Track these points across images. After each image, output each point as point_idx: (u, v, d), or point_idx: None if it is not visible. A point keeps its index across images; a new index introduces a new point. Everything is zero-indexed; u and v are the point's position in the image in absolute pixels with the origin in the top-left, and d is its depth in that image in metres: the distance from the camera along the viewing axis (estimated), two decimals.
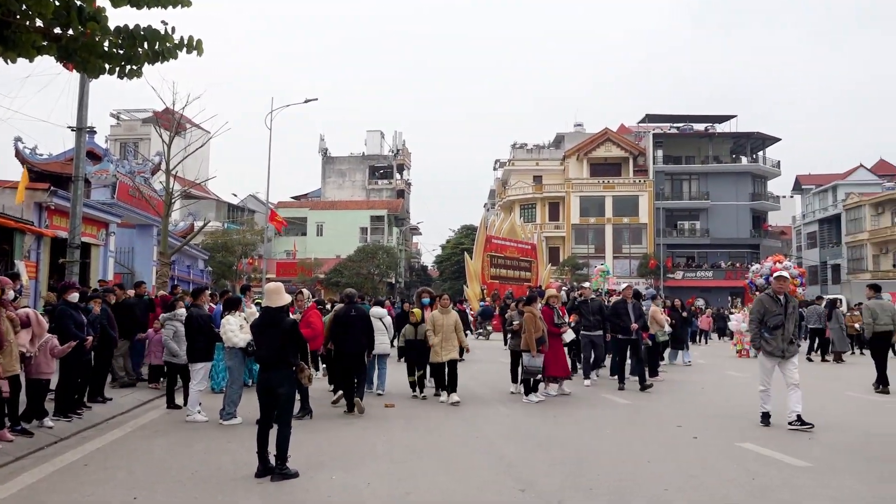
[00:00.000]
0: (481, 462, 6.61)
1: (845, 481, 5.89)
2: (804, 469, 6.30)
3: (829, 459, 6.70)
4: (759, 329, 8.55)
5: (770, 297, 8.65)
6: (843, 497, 5.43)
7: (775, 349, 8.40)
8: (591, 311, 12.70)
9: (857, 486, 5.76)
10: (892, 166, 63.46)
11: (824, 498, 5.40)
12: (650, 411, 9.81)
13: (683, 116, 60.06)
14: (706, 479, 5.97)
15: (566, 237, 56.42)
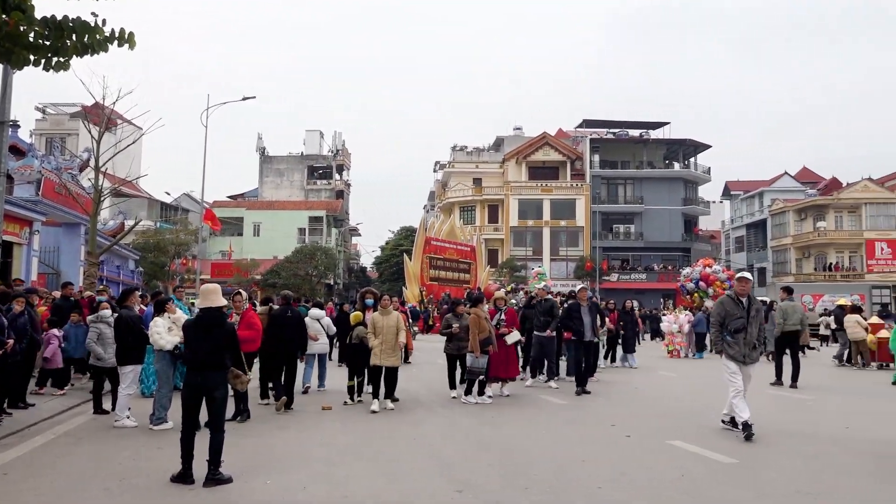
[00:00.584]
0: (419, 464, 6.62)
1: (768, 476, 6.14)
2: (730, 465, 6.52)
3: (754, 455, 6.95)
4: (721, 332, 8.15)
5: (731, 300, 8.27)
6: (766, 491, 5.64)
7: (737, 353, 8.01)
8: (542, 313, 12.57)
9: (780, 480, 6.00)
10: (815, 174, 66.38)
11: (748, 492, 5.60)
12: (586, 411, 9.99)
13: (619, 122, 61.53)
14: (638, 475, 6.12)
15: (505, 239, 56.97)
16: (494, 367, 10.80)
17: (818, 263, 53.02)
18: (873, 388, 13.43)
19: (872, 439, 7.88)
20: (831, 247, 52.28)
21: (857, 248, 51.47)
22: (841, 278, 50.40)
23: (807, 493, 5.58)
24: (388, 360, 9.72)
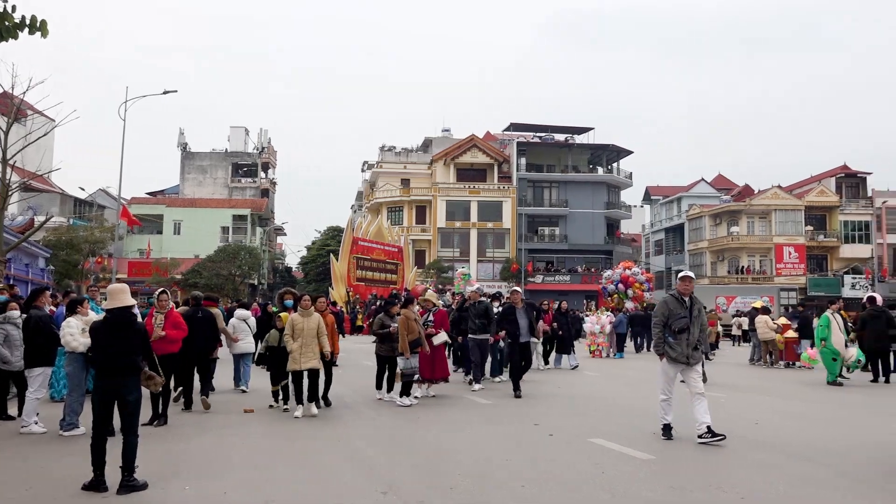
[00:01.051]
0: (344, 466, 6.56)
1: (684, 471, 6.37)
2: (648, 461, 6.73)
3: (671, 452, 7.20)
4: (663, 333, 7.87)
5: (675, 299, 7.98)
6: (679, 485, 5.85)
7: (679, 355, 7.74)
8: (478, 315, 12.45)
9: (694, 475, 6.24)
10: (729, 181, 69.31)
11: (664, 487, 5.80)
12: (510, 411, 10.11)
13: (545, 126, 62.64)
14: (560, 473, 6.25)
15: (432, 240, 57.14)
16: (421, 369, 10.79)
17: (731, 266, 55.38)
18: (781, 385, 14.12)
19: (780, 435, 8.28)
20: (744, 251, 54.69)
21: (767, 252, 53.98)
22: (752, 281, 52.74)
23: (718, 488, 5.82)
24: (307, 364, 9.25)
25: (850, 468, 6.52)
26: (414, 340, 10.39)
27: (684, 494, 5.60)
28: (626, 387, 13.55)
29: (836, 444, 7.69)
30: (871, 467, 6.56)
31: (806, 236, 53.67)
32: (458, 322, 13.34)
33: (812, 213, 54.57)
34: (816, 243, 53.85)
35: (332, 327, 10.38)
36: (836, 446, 7.53)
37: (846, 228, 54.57)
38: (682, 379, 7.89)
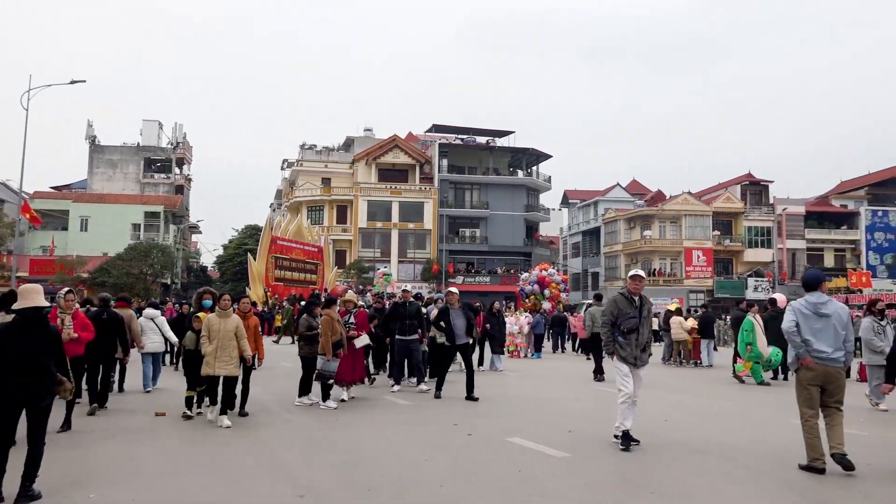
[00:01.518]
0: (259, 471, 6.41)
1: (597, 468, 6.54)
2: (564, 459, 6.88)
3: (585, 449, 7.37)
4: (612, 332, 7.60)
5: (624, 297, 7.68)
6: (594, 482, 6.01)
7: (629, 356, 7.47)
8: (409, 316, 12.20)
9: (608, 471, 6.41)
10: (643, 186, 71.71)
11: (579, 484, 5.93)
12: (429, 411, 10.13)
13: (467, 129, 63.17)
14: (479, 473, 6.30)
15: (353, 240, 56.71)
16: (342, 371, 10.64)
17: (644, 269, 57.16)
18: (691, 384, 14.70)
19: (688, 431, 8.62)
20: (656, 254, 56.72)
21: (677, 255, 56.15)
22: (663, 283, 54.74)
23: (630, 483, 6.00)
24: (223, 369, 8.61)
25: (752, 461, 6.85)
26: (337, 342, 10.26)
27: (599, 491, 5.74)
28: (543, 386, 13.81)
29: (740, 439, 8.05)
30: (770, 460, 6.91)
31: (713, 241, 56.16)
32: (387, 322, 13.07)
33: (719, 218, 57.16)
34: (723, 247, 56.43)
35: (255, 330, 9.70)
36: (740, 441, 7.89)
37: (750, 234, 57.42)
38: None
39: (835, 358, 6.50)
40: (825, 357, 6.50)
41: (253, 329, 9.53)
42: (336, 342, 10.24)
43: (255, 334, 9.61)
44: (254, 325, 9.66)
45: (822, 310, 6.60)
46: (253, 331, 9.50)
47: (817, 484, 6.06)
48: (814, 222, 58.18)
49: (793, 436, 7.23)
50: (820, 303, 6.64)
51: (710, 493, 5.77)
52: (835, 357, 6.50)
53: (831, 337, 6.52)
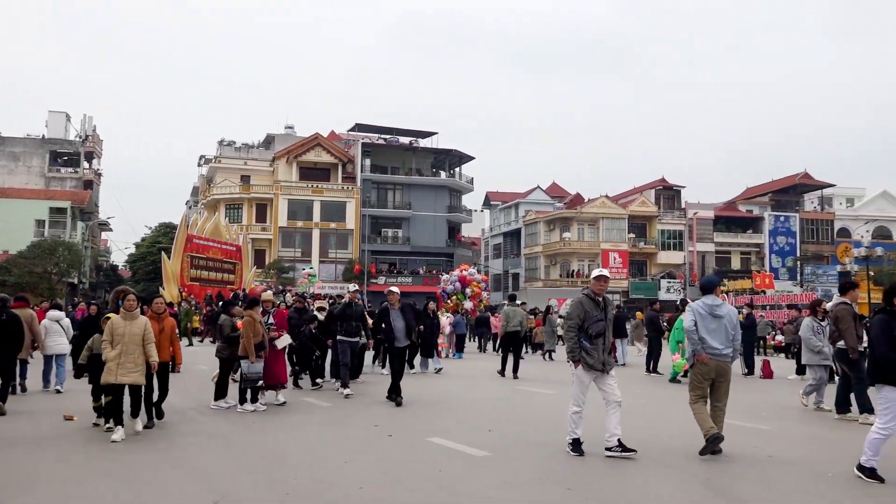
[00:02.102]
0: (173, 476, 6.21)
1: (516, 466, 6.64)
2: (483, 458, 6.94)
3: (504, 448, 7.47)
4: (578, 337, 7.12)
5: (590, 299, 7.22)
6: (513, 480, 6.10)
7: (596, 362, 7.07)
8: (354, 317, 11.91)
9: (526, 470, 6.52)
10: (562, 189, 73.28)
11: (498, 482, 6.01)
12: (349, 413, 10.06)
13: (390, 129, 63.02)
14: (398, 474, 6.29)
15: (273, 239, 55.68)
16: (266, 374, 10.34)
17: (563, 270, 58.62)
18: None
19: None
20: (574, 255, 58.10)
21: (595, 257, 57.66)
22: (581, 284, 56.06)
23: (547, 481, 6.12)
24: (127, 377, 7.77)
25: (663, 455, 7.10)
26: (258, 344, 9.99)
27: (517, 488, 5.83)
28: (463, 386, 13.92)
29: (652, 434, 8.33)
30: (680, 454, 7.18)
31: (629, 243, 58.01)
32: (328, 323, 12.77)
33: (634, 221, 59.10)
34: (638, 249, 58.36)
35: (172, 333, 9.00)
36: (652, 436, 8.16)
37: (663, 236, 59.63)
38: (599, 387, 7.20)
39: (725, 354, 7.19)
40: (717, 353, 7.15)
41: (169, 332, 8.91)
42: (258, 344, 9.99)
43: (172, 337, 8.98)
44: (170, 328, 8.97)
45: (716, 311, 7.25)
46: (169, 334, 8.87)
47: (721, 475, 6.35)
48: (722, 226, 60.91)
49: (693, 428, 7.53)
50: (715, 305, 7.30)
51: (623, 487, 5.95)
52: (725, 353, 7.18)
53: (723, 336, 7.19)
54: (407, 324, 11.24)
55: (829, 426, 9.50)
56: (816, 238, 61.10)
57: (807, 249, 59.71)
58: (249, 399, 10.05)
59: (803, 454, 7.43)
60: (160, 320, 8.78)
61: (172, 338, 8.98)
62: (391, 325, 11.06)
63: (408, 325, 11.27)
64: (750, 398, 12.27)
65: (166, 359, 8.73)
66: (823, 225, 61.94)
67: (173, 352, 8.93)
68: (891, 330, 6.20)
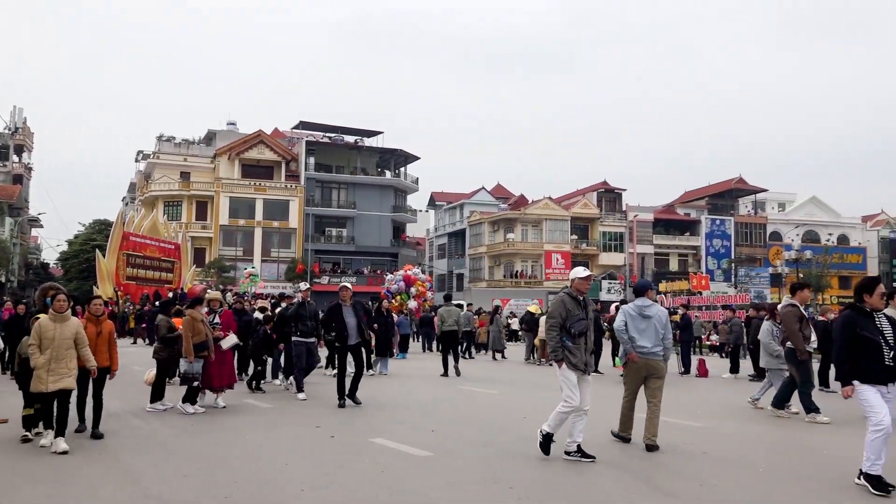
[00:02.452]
0: (105, 480, 6.00)
1: (459, 466, 6.65)
2: (426, 458, 6.94)
3: (447, 448, 7.48)
4: (561, 337, 6.91)
5: (572, 298, 7.04)
6: (456, 480, 6.11)
7: (579, 362, 6.90)
8: (309, 316, 11.62)
9: (469, 469, 6.54)
10: (507, 190, 73.92)
11: (442, 482, 6.01)
12: (291, 414, 9.93)
13: (335, 127, 62.50)
14: (340, 475, 6.23)
15: (214, 238, 54.57)
16: (209, 375, 10.09)
17: (507, 270, 59.13)
18: (551, 381, 15.28)
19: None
20: (518, 256, 58.66)
21: (538, 258, 58.36)
22: (524, 284, 56.72)
23: (490, 480, 6.15)
24: (59, 383, 7.17)
25: (604, 451, 7.22)
26: (201, 343, 9.74)
27: (460, 488, 5.85)
28: (407, 387, 13.89)
29: (590, 431, 8.43)
30: (621, 449, 7.33)
31: (571, 244, 58.90)
32: (281, 324, 12.45)
33: (577, 223, 60.04)
34: (580, 251, 59.28)
35: (110, 336, 8.34)
36: (589, 434, 8.26)
37: (604, 238, 60.75)
38: None
39: (655, 352, 7.59)
40: (646, 351, 7.58)
41: (107, 335, 8.26)
42: (200, 343, 9.74)
43: (110, 341, 8.32)
44: (108, 331, 8.31)
45: (645, 312, 7.70)
46: (107, 337, 8.24)
47: (660, 472, 6.49)
48: (661, 229, 62.41)
49: (639, 429, 7.69)
50: (644, 306, 7.75)
51: (564, 485, 6.02)
52: (655, 351, 7.59)
53: (653, 335, 7.60)
54: (359, 321, 10.86)
55: (761, 423, 9.82)
56: (750, 241, 63.20)
57: (741, 252, 61.71)
58: (187, 400, 9.81)
59: (736, 450, 7.66)
60: (98, 323, 8.19)
61: (111, 342, 8.33)
62: (344, 321, 10.64)
63: (359, 323, 10.89)
64: (686, 396, 12.61)
65: (105, 364, 8.13)
66: (757, 228, 64.11)
67: (110, 357, 8.26)
68: (854, 327, 5.95)
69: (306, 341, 11.65)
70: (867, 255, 63.90)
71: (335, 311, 10.79)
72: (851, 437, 8.61)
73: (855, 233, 65.69)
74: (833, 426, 9.44)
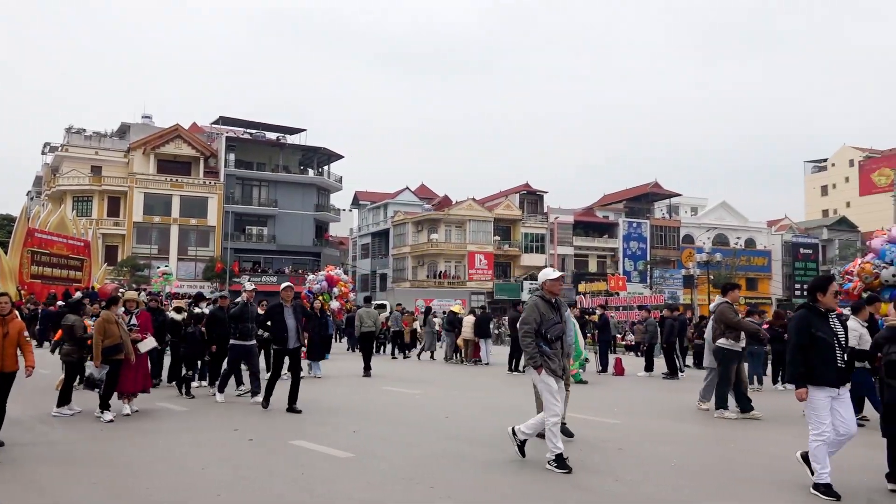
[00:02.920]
0: (10, 492, 5.68)
1: (380, 467, 6.64)
2: (347, 459, 6.89)
3: (368, 449, 7.45)
4: (537, 342, 6.69)
5: (545, 302, 6.85)
6: (377, 481, 6.09)
7: (557, 367, 6.71)
8: (250, 318, 11.21)
9: (390, 470, 6.53)
10: (431, 191, 74.13)
11: (363, 484, 5.98)
12: (208, 417, 9.68)
13: (257, 123, 61.21)
14: (259, 478, 6.12)
15: (127, 235, 52.55)
16: (126, 380, 9.55)
17: (430, 271, 59.28)
18: (471, 380, 15.45)
19: (467, 426, 9.04)
20: (441, 257, 58.91)
21: (461, 258, 58.79)
22: (448, 285, 57.02)
23: (411, 480, 6.16)
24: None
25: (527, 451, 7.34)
26: (114, 346, 9.24)
27: (380, 489, 5.83)
28: (328, 387, 13.75)
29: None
30: (538, 448, 7.46)
31: (494, 245, 59.57)
32: (215, 325, 11.90)
33: (499, 224, 60.76)
34: (502, 252, 60.04)
35: (20, 335, 7.73)
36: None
37: (526, 240, 61.72)
38: None
39: None
40: None
41: (15, 336, 7.63)
42: (113, 346, 9.25)
43: (21, 341, 7.74)
44: (17, 330, 7.71)
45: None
46: (15, 338, 7.61)
47: (577, 469, 6.63)
48: (581, 231, 63.89)
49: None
50: None
51: (485, 485, 6.09)
52: None
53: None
54: (297, 324, 10.38)
55: (674, 419, 10.20)
56: (665, 243, 65.49)
57: (656, 254, 63.87)
58: (103, 406, 9.32)
59: (649, 446, 7.93)
60: (5, 323, 7.60)
61: (22, 342, 7.74)
62: (284, 323, 10.12)
63: (298, 326, 10.40)
64: (603, 395, 12.97)
65: (12, 368, 7.55)
66: (671, 231, 66.51)
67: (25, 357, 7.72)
68: (809, 326, 5.83)
69: (246, 344, 11.23)
70: (772, 257, 67.26)
71: (275, 312, 10.28)
72: (759, 431, 9.07)
73: (761, 237, 69.00)
74: (741, 422, 9.90)
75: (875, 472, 6.27)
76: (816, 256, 67.94)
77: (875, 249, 13.59)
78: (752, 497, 5.85)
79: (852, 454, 6.69)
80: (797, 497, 5.73)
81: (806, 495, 5.72)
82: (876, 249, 13.54)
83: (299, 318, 10.50)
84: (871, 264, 13.38)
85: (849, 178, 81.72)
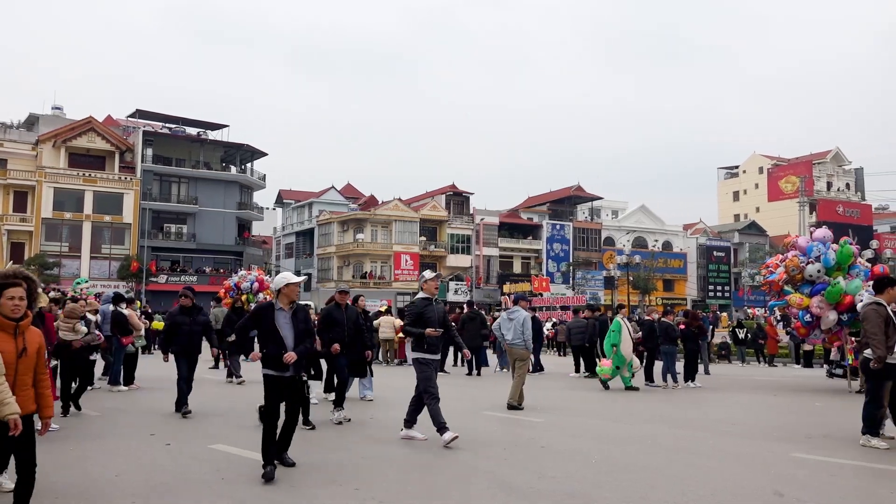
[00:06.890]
0: None
1: (301, 468, 6.53)
2: None
3: (290, 451, 7.31)
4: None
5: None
6: (299, 483, 6.00)
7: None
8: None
9: (312, 472, 6.44)
10: (357, 190, 73.66)
11: (285, 486, 5.88)
12: (120, 422, 9.32)
13: (176, 118, 59.26)
14: (177, 484, 5.92)
15: (35, 232, 49.98)
16: None
17: (356, 271, 58.85)
18: (397, 380, 15.38)
19: (389, 425, 8.99)
20: (367, 257, 58.59)
21: (387, 258, 58.62)
22: (374, 285, 56.71)
23: (333, 482, 6.09)
24: None
25: (454, 450, 7.37)
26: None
27: (301, 491, 5.74)
28: (247, 390, 13.44)
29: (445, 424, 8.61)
30: (462, 446, 7.52)
31: (420, 246, 59.68)
32: (174, 329, 11.14)
33: (426, 224, 60.92)
34: (428, 252, 60.20)
35: (40, 356, 7.07)
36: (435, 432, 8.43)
37: (452, 240, 62.09)
38: None
39: (516, 343, 10.88)
40: (510, 342, 11.00)
41: (35, 354, 6.84)
42: None
43: (40, 368, 7.02)
44: (37, 348, 6.86)
45: (511, 316, 11.15)
46: (34, 359, 6.84)
47: (497, 466, 6.71)
48: (506, 232, 64.73)
49: (491, 426, 7.93)
50: (511, 311, 11.24)
51: (407, 483, 6.08)
52: (515, 342, 10.88)
53: (513, 331, 10.90)
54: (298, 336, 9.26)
55: (595, 416, 10.45)
56: (587, 245, 67.06)
57: (578, 256, 65.32)
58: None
59: (572, 443, 8.10)
60: (19, 333, 7.04)
61: (38, 369, 7.12)
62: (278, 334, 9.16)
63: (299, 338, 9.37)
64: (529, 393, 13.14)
65: (30, 408, 6.96)
66: (592, 234, 68.15)
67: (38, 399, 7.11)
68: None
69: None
70: (687, 260, 69.86)
71: (264, 317, 6.67)
72: (672, 429, 9.38)
73: (677, 240, 71.55)
74: (646, 420, 10.22)
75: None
76: (728, 259, 71.01)
77: (801, 247, 14.43)
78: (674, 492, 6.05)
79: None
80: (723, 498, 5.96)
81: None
82: (802, 247, 14.40)
83: (299, 327, 6.72)
84: (797, 258, 14.19)
85: (758, 184, 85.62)
